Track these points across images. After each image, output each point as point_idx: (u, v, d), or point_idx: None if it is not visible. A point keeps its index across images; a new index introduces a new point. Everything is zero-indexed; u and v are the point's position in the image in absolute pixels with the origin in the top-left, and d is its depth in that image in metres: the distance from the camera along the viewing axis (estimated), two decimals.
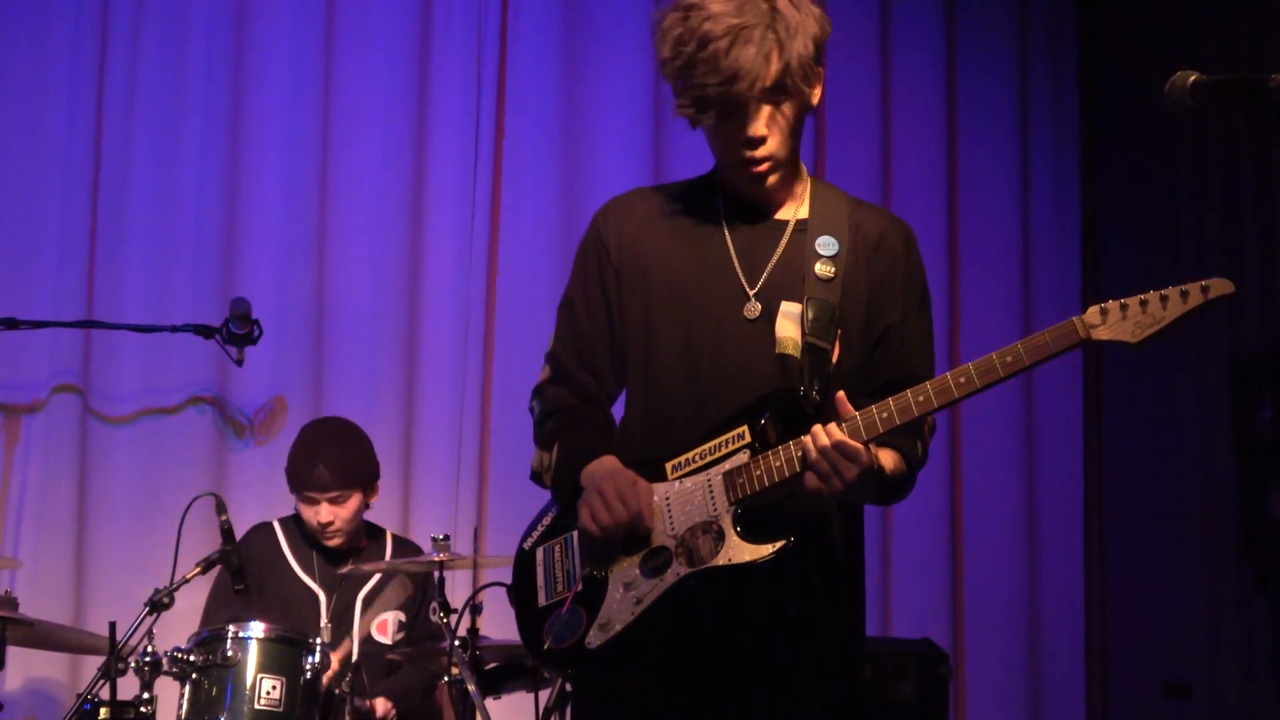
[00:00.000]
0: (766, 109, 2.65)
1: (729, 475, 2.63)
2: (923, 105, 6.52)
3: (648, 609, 2.61)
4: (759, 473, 2.60)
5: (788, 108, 2.67)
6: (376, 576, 4.94)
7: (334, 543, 4.96)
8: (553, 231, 5.93)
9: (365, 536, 5.10)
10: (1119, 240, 6.49)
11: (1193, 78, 2.33)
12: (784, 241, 2.76)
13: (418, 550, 5.14)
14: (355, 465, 4.97)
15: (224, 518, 4.39)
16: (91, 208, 5.60)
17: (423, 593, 5.00)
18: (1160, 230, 6.19)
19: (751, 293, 2.72)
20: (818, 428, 2.55)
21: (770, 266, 2.74)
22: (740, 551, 2.58)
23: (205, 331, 5.24)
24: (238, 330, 5.19)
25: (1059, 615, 6.32)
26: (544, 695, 4.63)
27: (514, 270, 5.96)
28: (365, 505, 5.03)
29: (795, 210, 2.80)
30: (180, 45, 5.75)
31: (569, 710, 4.15)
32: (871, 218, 2.84)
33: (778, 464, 2.59)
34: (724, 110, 2.63)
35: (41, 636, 4.61)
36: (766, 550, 2.57)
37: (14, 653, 4.61)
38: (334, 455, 4.93)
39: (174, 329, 5.26)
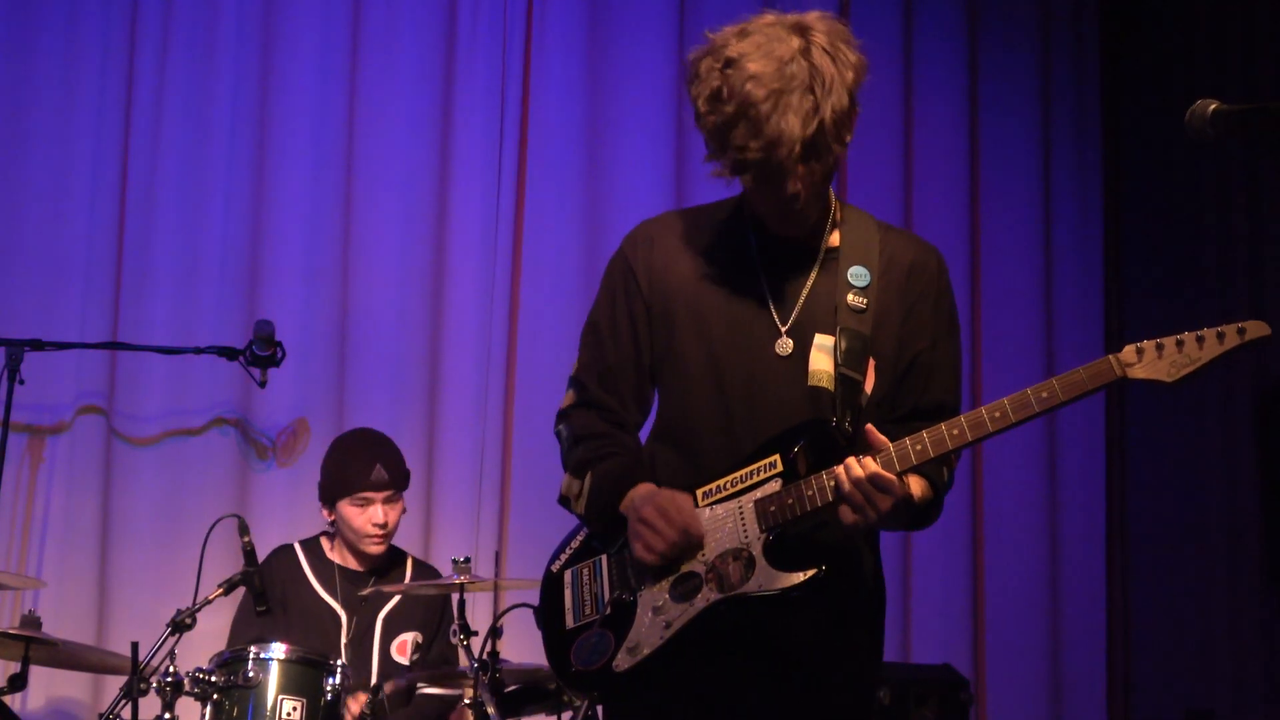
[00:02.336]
0: (802, 168, 2.61)
1: (760, 503, 2.62)
2: (945, 137, 6.54)
3: (676, 633, 2.60)
4: (791, 501, 2.60)
5: (816, 162, 2.62)
6: (397, 598, 4.96)
7: (378, 549, 4.98)
8: (576, 254, 5.95)
9: (387, 558, 5.12)
10: (1143, 268, 6.48)
11: (1213, 106, 2.34)
12: (815, 272, 2.76)
13: (437, 575, 5.15)
14: (404, 467, 5.06)
15: (247, 539, 4.41)
16: (118, 231, 5.63)
17: (440, 615, 5.02)
18: (1184, 258, 6.18)
19: (784, 329, 2.72)
20: (852, 460, 2.55)
21: (802, 300, 2.73)
22: (771, 579, 2.57)
23: (229, 354, 5.27)
24: (261, 352, 5.22)
25: (1081, 642, 6.30)
26: (564, 718, 4.65)
27: (537, 293, 5.98)
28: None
29: (825, 237, 2.79)
30: (206, 69, 5.78)
31: None
32: (902, 244, 2.84)
33: (810, 493, 2.59)
34: (760, 174, 2.60)
35: (64, 656, 4.62)
36: (798, 578, 2.56)
37: (37, 672, 4.63)
38: (388, 455, 5.02)
39: (198, 351, 5.29)
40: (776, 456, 2.64)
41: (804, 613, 2.61)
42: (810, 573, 2.56)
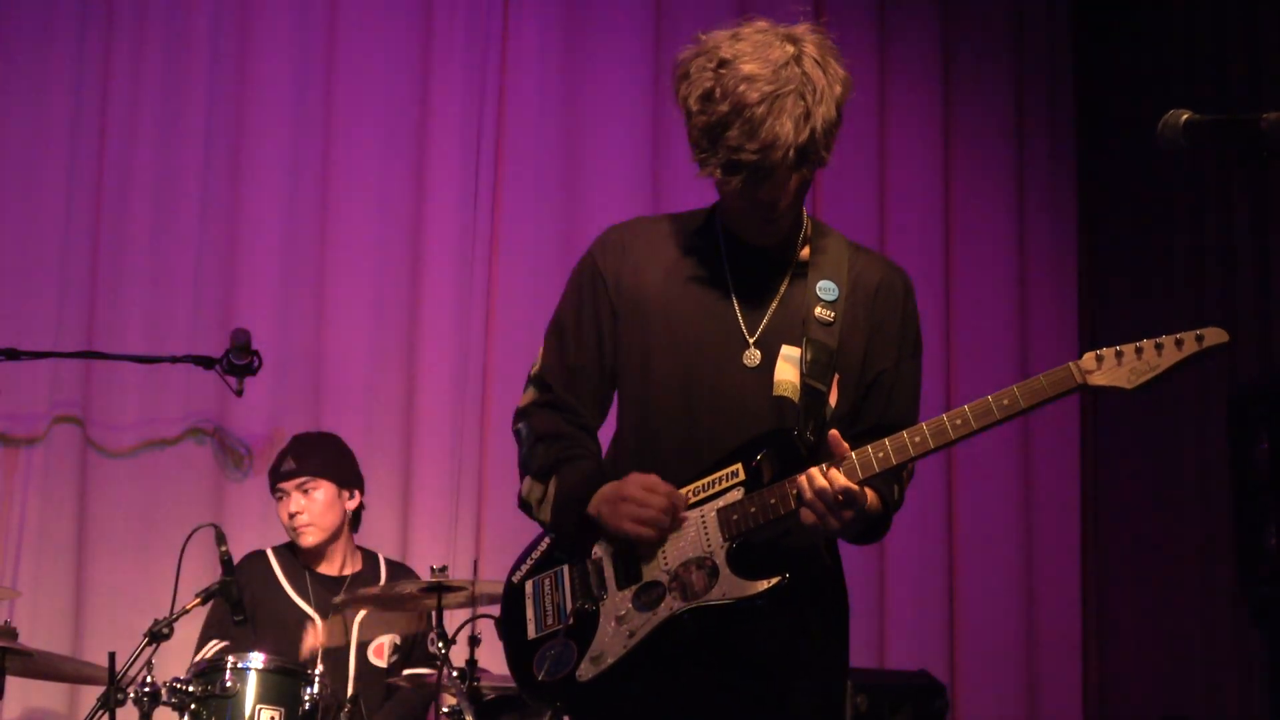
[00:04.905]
0: (793, 175, 2.63)
1: (723, 511, 2.63)
2: (919, 149, 6.54)
3: (640, 642, 2.60)
4: (753, 509, 2.61)
5: (807, 170, 2.66)
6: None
7: (307, 541, 4.97)
8: (552, 262, 5.94)
9: (360, 561, 5.12)
10: (1115, 276, 6.51)
11: (1185, 116, 2.35)
12: (784, 284, 2.77)
13: (411, 574, 5.16)
14: (323, 455, 5.05)
15: (224, 549, 4.41)
16: (93, 239, 5.63)
17: (418, 616, 5.01)
18: (1157, 266, 6.21)
19: (751, 340, 2.73)
20: (815, 471, 2.56)
21: (771, 311, 2.75)
22: (734, 588, 2.58)
23: (205, 362, 5.26)
24: (238, 361, 5.22)
25: (1056, 648, 6.32)
26: None
27: (513, 299, 5.98)
28: (344, 509, 5.06)
29: (795, 251, 2.81)
30: (182, 76, 5.78)
31: None
32: (870, 264, 2.85)
33: (772, 501, 2.60)
34: (753, 176, 2.60)
35: (40, 667, 4.61)
36: (761, 587, 2.57)
37: (13, 683, 4.62)
38: (301, 447, 5.06)
39: (174, 360, 5.28)
40: (739, 465, 2.65)
41: (767, 621, 2.62)
42: (773, 581, 2.57)
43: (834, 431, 2.60)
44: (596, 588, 2.69)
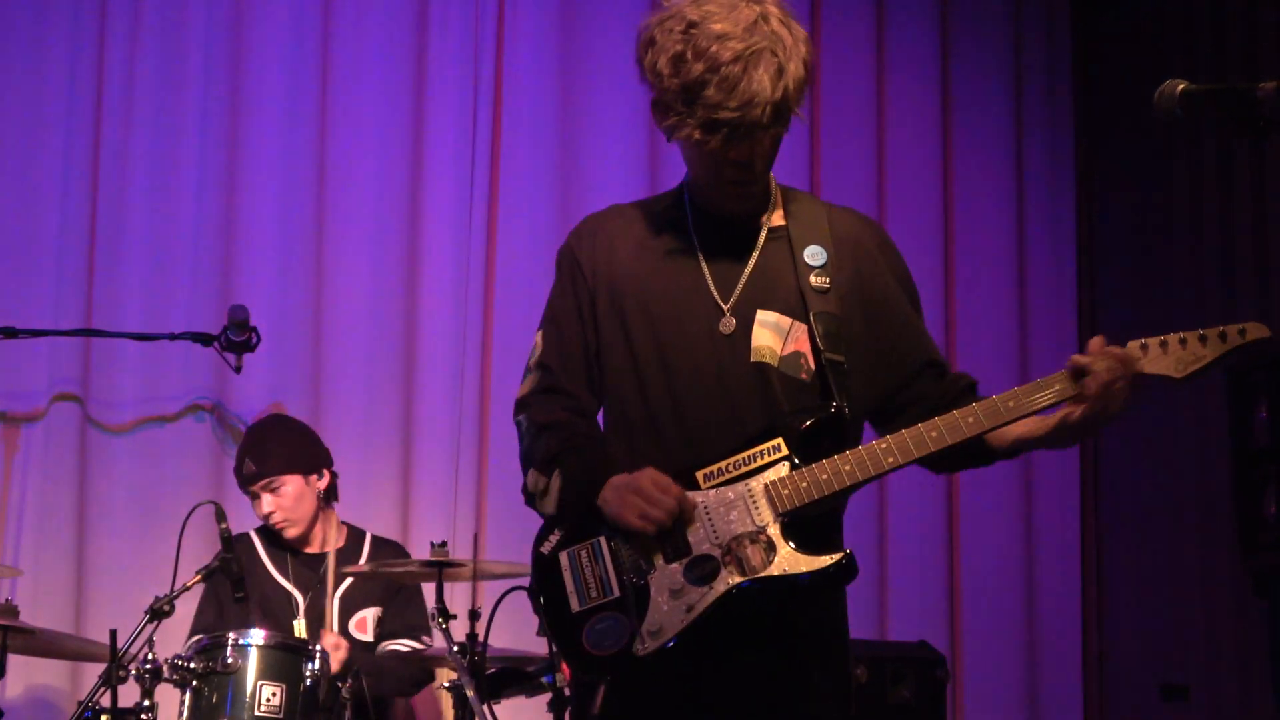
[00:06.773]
0: (771, 132, 2.65)
1: (772, 486, 2.63)
2: (917, 124, 6.52)
3: (699, 616, 2.59)
4: (805, 485, 2.62)
5: (781, 128, 2.67)
6: (352, 577, 4.96)
7: (290, 534, 4.99)
8: (550, 238, 5.92)
9: (343, 537, 5.12)
10: (1115, 245, 6.50)
11: (1181, 86, 2.35)
12: (757, 250, 2.79)
13: (398, 548, 5.17)
14: (280, 450, 5.01)
15: (224, 525, 4.42)
16: (90, 216, 5.62)
17: (397, 587, 5.02)
18: (1156, 236, 6.21)
19: (726, 308, 2.74)
20: (1095, 344, 2.63)
21: (744, 278, 2.77)
22: (796, 563, 2.58)
23: (204, 339, 5.25)
24: (236, 338, 5.21)
25: (1056, 618, 6.34)
26: (538, 700, 4.67)
27: (512, 276, 5.98)
28: (316, 493, 5.05)
29: (767, 217, 2.82)
30: (177, 54, 5.76)
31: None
32: (845, 220, 2.87)
33: (824, 477, 2.61)
34: (733, 134, 2.62)
35: (42, 645, 4.63)
36: (824, 562, 2.58)
37: (15, 661, 4.63)
38: (256, 446, 5.01)
39: (173, 337, 5.28)
40: (779, 440, 2.65)
41: (813, 595, 2.64)
42: (837, 556, 2.59)
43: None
44: (644, 561, 2.67)
